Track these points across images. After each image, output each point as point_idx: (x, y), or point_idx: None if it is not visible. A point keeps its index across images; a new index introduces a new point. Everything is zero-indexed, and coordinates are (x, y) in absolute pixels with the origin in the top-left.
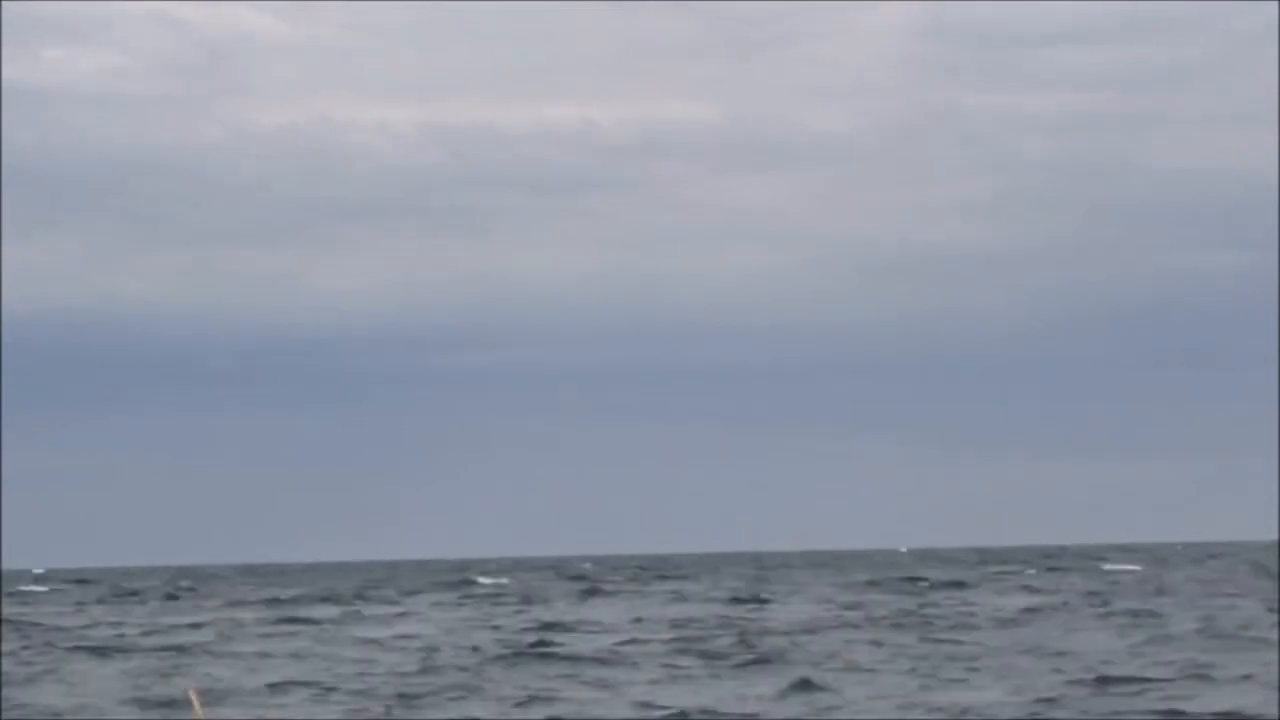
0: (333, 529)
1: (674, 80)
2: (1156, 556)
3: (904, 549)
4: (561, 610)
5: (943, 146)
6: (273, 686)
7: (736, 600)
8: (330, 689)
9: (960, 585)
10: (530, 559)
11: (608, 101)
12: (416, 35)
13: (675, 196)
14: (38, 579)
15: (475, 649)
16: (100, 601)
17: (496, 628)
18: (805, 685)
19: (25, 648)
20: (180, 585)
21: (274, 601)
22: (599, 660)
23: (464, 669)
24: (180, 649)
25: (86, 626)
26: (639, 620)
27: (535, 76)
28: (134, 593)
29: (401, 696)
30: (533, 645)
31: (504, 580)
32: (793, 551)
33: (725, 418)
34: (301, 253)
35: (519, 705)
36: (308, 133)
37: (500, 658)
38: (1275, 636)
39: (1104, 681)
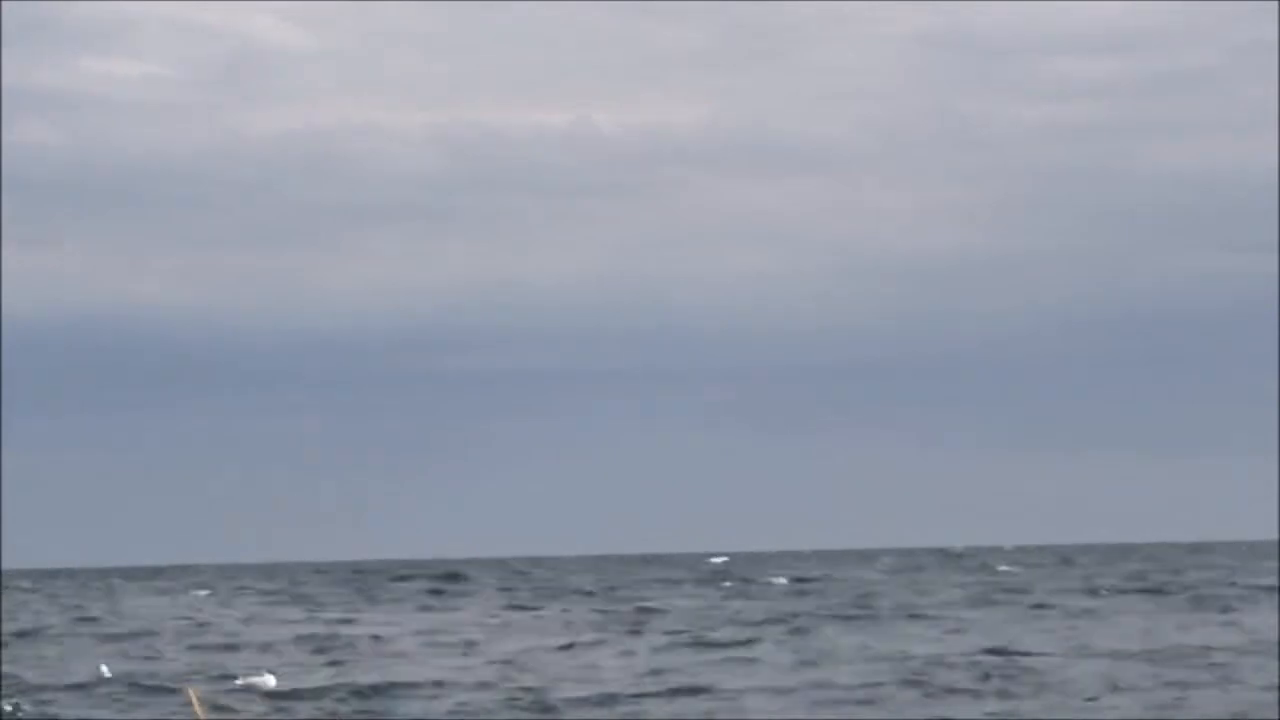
0: (334, 529)
1: (676, 84)
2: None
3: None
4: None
5: (944, 151)
6: None
7: None
8: None
9: None
10: (529, 558)
11: (610, 106)
12: (424, 42)
13: (676, 200)
14: None
15: None
16: None
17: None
18: None
19: None
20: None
21: None
22: None
23: None
24: None
25: None
26: None
27: (538, 80)
28: None
29: None
30: None
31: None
32: (807, 550)
33: (724, 420)
34: (305, 255)
35: None
36: (312, 137)
37: None
38: None
39: None
